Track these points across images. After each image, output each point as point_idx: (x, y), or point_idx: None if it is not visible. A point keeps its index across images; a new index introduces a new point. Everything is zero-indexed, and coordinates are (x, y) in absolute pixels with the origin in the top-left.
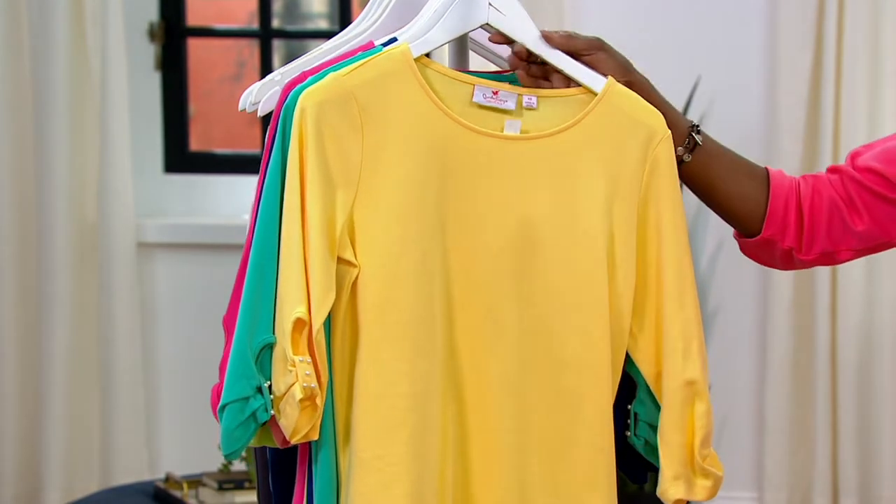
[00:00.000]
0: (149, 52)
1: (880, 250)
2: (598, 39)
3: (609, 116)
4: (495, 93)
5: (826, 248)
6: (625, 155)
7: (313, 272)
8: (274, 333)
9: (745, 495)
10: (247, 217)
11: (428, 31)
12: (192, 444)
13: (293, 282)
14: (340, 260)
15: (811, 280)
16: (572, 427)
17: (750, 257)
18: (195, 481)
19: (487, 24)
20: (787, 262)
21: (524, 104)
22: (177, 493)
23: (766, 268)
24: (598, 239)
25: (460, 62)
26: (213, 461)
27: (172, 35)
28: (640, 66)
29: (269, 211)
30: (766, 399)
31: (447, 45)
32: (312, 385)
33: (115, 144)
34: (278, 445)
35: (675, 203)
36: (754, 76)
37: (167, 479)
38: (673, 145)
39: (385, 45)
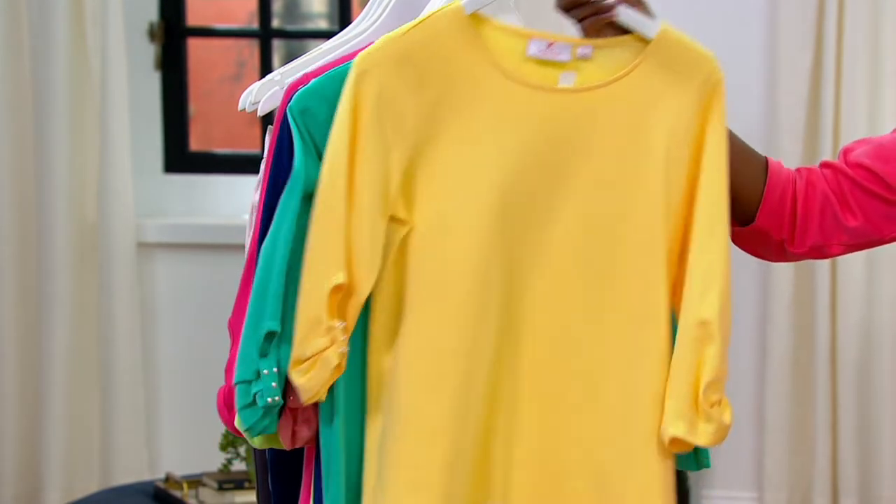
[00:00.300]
0: (149, 52)
1: (872, 246)
2: None
3: (664, 62)
4: (550, 45)
5: (817, 242)
6: (680, 100)
7: (362, 236)
8: (279, 323)
9: (744, 495)
10: (246, 217)
11: None
12: (192, 444)
13: (332, 246)
14: (392, 219)
15: (811, 278)
16: (631, 387)
17: (741, 247)
18: (195, 481)
19: None
20: (779, 253)
21: (578, 55)
22: (177, 493)
23: (766, 265)
24: (657, 192)
25: None
26: (213, 461)
27: (172, 35)
28: None
29: (286, 207)
30: (766, 398)
31: None
32: (346, 350)
33: (115, 144)
34: (286, 447)
35: (720, 148)
36: (754, 76)
37: (167, 479)
38: (724, 88)
39: None
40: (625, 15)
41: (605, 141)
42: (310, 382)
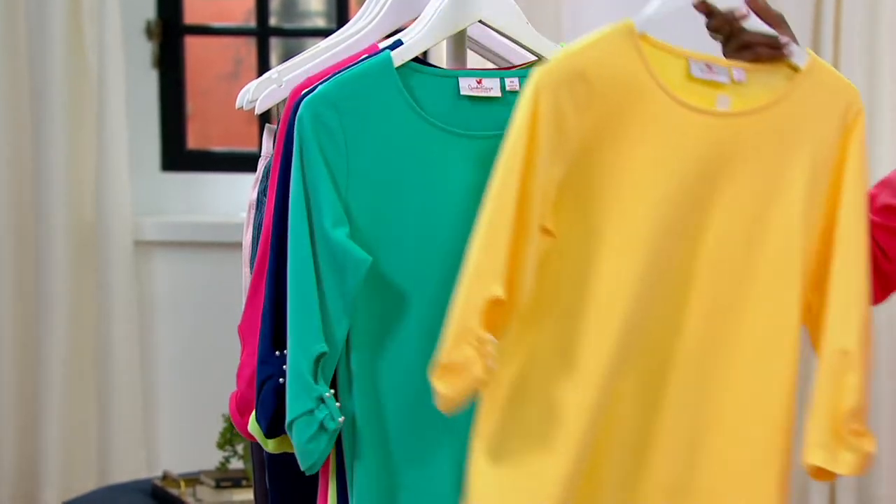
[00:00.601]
0: (146, 50)
1: None
2: (782, 14)
3: (812, 91)
4: (709, 66)
5: None
6: (825, 129)
7: (526, 250)
8: (326, 342)
9: None
10: (244, 215)
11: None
12: (189, 443)
13: (495, 257)
14: (540, 229)
15: None
16: (755, 415)
17: None
18: (192, 479)
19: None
20: None
21: (735, 78)
22: (174, 492)
23: None
24: (797, 217)
25: (457, 60)
26: (210, 459)
27: (170, 33)
28: None
29: (299, 225)
30: None
31: (444, 43)
32: (494, 366)
33: (113, 142)
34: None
35: (860, 176)
36: None
37: (164, 477)
38: (864, 118)
39: (391, 47)
40: (791, 48)
41: (754, 165)
42: (447, 389)
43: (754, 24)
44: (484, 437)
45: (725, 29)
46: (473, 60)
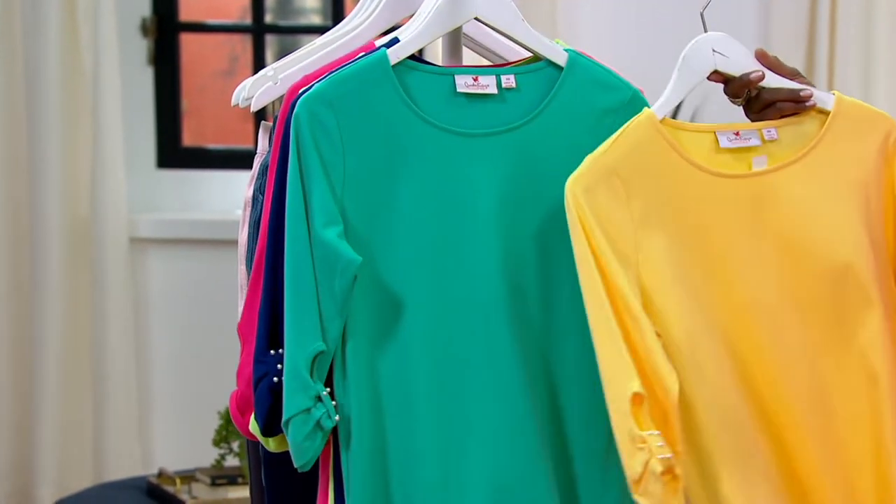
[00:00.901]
0: (141, 47)
1: None
2: (796, 69)
3: (846, 128)
4: (737, 134)
5: None
6: (867, 162)
7: (646, 344)
8: (323, 341)
9: None
10: (239, 212)
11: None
12: (185, 440)
13: (618, 360)
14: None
15: None
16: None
17: None
18: (188, 477)
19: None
20: None
21: (766, 138)
22: (170, 489)
23: None
24: (863, 250)
25: (453, 58)
26: (206, 457)
27: (165, 30)
28: (634, 64)
29: (296, 223)
30: None
31: (440, 41)
32: (669, 456)
33: (108, 140)
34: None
35: None
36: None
37: (160, 474)
38: None
39: (388, 45)
40: (815, 97)
41: (806, 212)
42: (654, 499)
43: (771, 79)
44: None
45: (744, 93)
46: (469, 57)
